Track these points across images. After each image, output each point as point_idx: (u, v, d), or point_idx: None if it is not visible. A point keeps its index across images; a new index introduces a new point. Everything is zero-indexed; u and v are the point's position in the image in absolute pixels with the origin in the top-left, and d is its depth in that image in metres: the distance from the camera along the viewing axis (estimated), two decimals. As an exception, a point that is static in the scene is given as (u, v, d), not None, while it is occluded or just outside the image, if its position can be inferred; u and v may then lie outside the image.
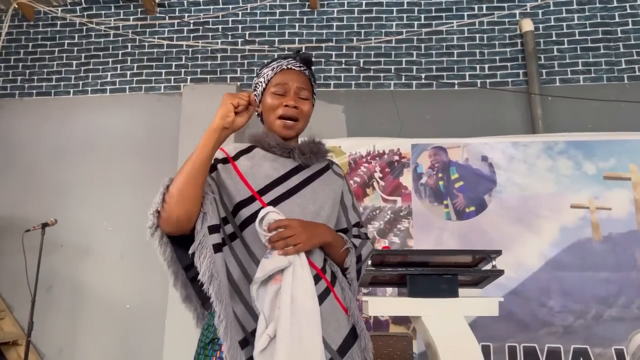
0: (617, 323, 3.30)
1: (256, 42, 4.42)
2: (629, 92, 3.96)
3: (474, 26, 4.31)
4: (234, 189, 1.34)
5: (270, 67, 1.47)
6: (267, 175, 1.37)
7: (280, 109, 1.43)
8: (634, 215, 3.55)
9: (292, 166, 1.42)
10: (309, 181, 1.42)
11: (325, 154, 1.49)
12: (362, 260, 1.44)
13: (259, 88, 1.48)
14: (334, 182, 1.48)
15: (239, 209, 1.32)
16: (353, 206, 1.52)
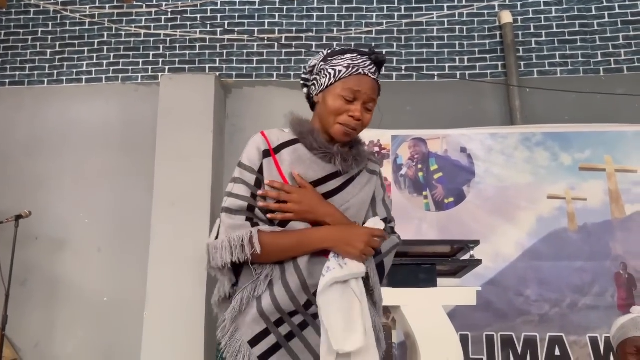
0: (591, 311, 3.37)
1: (235, 31, 4.37)
2: (605, 84, 4.02)
3: (454, 18, 4.32)
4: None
5: (344, 63, 1.38)
6: (305, 176, 1.36)
7: (344, 117, 1.37)
8: (608, 205, 3.61)
9: (331, 171, 1.39)
10: (343, 187, 1.40)
11: (366, 158, 1.45)
12: (381, 254, 1.42)
13: (323, 78, 1.39)
14: (367, 182, 1.45)
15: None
16: (383, 201, 1.49)
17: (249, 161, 1.37)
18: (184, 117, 3.92)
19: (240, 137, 4.13)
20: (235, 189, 1.36)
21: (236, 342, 1.29)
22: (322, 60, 1.41)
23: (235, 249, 1.28)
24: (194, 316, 3.57)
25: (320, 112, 1.40)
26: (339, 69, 1.37)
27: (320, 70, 1.41)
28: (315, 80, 1.42)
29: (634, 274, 3.48)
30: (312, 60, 1.46)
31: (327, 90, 1.38)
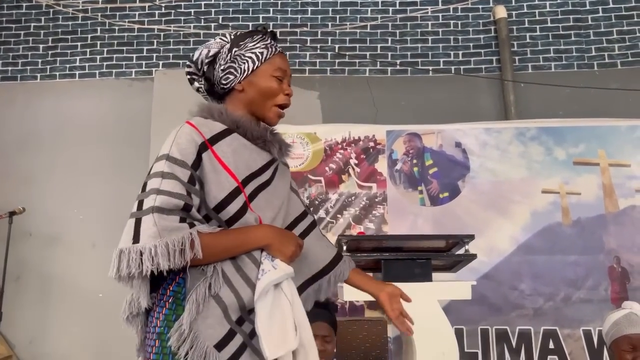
0: (585, 305, 3.39)
1: (230, 26, 4.35)
2: (598, 79, 4.04)
3: (448, 12, 4.32)
4: (216, 181, 1.26)
5: (260, 44, 1.36)
6: (248, 166, 1.32)
7: (281, 97, 1.37)
8: (602, 199, 3.63)
9: (268, 159, 1.38)
10: (273, 176, 1.39)
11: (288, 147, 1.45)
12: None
13: (243, 63, 1.35)
14: (285, 173, 1.46)
15: (226, 203, 1.26)
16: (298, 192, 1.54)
17: (181, 155, 1.24)
18: (178, 112, 3.85)
19: (234, 132, 4.12)
20: (165, 185, 1.20)
21: (200, 350, 1.16)
22: (233, 47, 1.36)
23: (174, 253, 1.14)
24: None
25: (250, 98, 1.36)
26: (259, 51, 1.36)
27: (235, 57, 1.36)
28: (231, 68, 1.35)
29: (627, 268, 3.51)
30: (208, 50, 1.38)
31: (254, 74, 1.35)
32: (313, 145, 3.90)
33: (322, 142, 3.90)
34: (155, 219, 1.17)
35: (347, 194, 3.81)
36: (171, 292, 1.23)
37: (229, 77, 1.36)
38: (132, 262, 1.16)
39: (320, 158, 3.87)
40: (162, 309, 1.23)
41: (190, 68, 1.43)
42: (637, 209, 3.61)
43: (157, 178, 1.22)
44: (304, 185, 3.83)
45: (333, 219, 3.76)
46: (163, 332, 1.21)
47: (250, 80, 1.35)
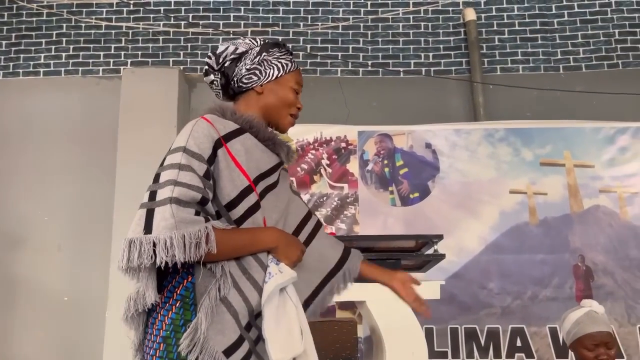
0: (551, 303, 3.46)
1: (200, 25, 4.29)
2: (564, 81, 4.13)
3: (419, 14, 4.36)
4: (230, 178, 1.27)
5: (286, 57, 1.44)
6: (258, 166, 1.34)
7: (294, 109, 1.44)
8: (567, 199, 3.71)
9: (275, 162, 1.41)
10: (279, 179, 1.42)
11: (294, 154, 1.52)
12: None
13: (269, 69, 1.40)
14: (286, 177, 1.50)
15: (237, 202, 1.27)
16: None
17: (199, 149, 1.25)
18: (146, 111, 3.84)
19: (205, 132, 4.07)
20: (183, 177, 1.20)
21: (209, 355, 1.15)
22: (263, 51, 1.41)
23: (190, 246, 1.13)
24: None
25: (267, 103, 1.40)
26: (284, 62, 1.42)
27: (262, 61, 1.40)
28: (257, 70, 1.39)
29: (591, 266, 3.60)
30: (236, 47, 1.41)
31: (277, 81, 1.40)
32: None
33: (294, 143, 3.89)
34: (173, 210, 1.16)
35: (318, 194, 3.81)
36: (178, 295, 1.22)
37: (252, 78, 1.40)
38: (144, 253, 1.14)
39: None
40: (169, 313, 1.21)
41: (211, 60, 1.44)
42: (601, 209, 3.71)
43: (174, 170, 1.22)
44: (275, 185, 3.81)
45: (304, 220, 3.75)
46: (169, 337, 1.19)
47: (271, 86, 1.40)
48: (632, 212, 3.69)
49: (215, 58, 1.43)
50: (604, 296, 3.52)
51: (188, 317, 1.19)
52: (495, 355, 3.43)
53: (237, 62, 1.40)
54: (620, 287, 3.56)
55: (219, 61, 1.42)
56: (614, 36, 4.26)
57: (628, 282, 3.57)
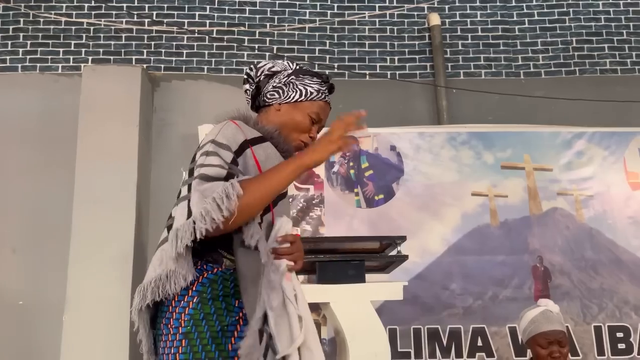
0: (510, 303, 3.53)
1: (164, 23, 4.22)
2: (525, 87, 4.23)
3: (385, 18, 4.40)
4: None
5: (314, 86, 1.51)
6: None
7: (305, 136, 1.50)
8: (527, 202, 3.81)
9: None
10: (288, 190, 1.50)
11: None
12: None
13: (292, 92, 1.49)
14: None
15: None
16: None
17: (227, 141, 1.34)
18: (107, 110, 3.74)
19: (168, 132, 4.00)
20: (210, 161, 1.30)
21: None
22: (293, 75, 1.51)
23: (222, 202, 1.21)
24: (117, 319, 3.42)
25: (283, 122, 1.48)
26: (310, 90, 1.50)
27: (289, 83, 1.50)
28: (280, 90, 1.50)
29: (549, 267, 3.70)
30: (273, 65, 1.53)
31: (295, 105, 1.49)
32: (249, 146, 3.85)
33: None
34: (196, 186, 1.26)
35: (283, 196, 3.79)
36: (194, 292, 1.27)
37: (274, 95, 1.51)
38: (185, 234, 1.22)
39: (256, 159, 3.83)
40: (185, 309, 1.26)
41: (252, 71, 1.56)
42: (559, 211, 3.82)
43: (201, 155, 1.33)
44: (239, 187, 3.78)
45: (269, 221, 3.73)
46: (190, 332, 1.24)
47: (289, 108, 1.49)
48: (588, 214, 3.82)
49: (255, 70, 1.55)
50: (560, 296, 3.63)
51: (207, 310, 1.25)
52: (457, 355, 3.48)
53: (269, 78, 1.52)
54: (576, 287, 3.67)
55: (257, 74, 1.54)
56: (572, 44, 4.39)
57: (583, 282, 3.68)
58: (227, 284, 1.30)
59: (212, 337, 1.24)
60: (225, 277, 1.30)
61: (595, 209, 3.83)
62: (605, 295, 3.65)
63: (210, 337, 1.24)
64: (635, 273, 3.73)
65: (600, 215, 3.82)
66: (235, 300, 1.29)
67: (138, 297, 1.32)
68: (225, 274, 1.31)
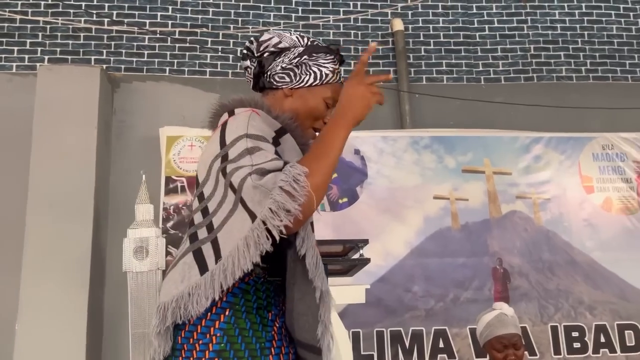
0: (471, 305, 3.60)
1: (125, 22, 4.13)
2: (485, 92, 4.32)
3: (349, 22, 4.42)
4: None
5: (329, 65, 1.33)
6: None
7: (320, 122, 1.33)
8: (487, 205, 3.89)
9: None
10: None
11: None
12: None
13: (305, 75, 1.30)
14: None
15: None
16: None
17: (262, 132, 1.16)
18: (64, 111, 3.63)
19: (129, 134, 3.91)
20: (257, 159, 1.09)
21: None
22: (305, 53, 1.31)
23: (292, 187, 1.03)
24: (73, 328, 3.31)
25: (295, 109, 1.30)
26: (325, 72, 1.33)
27: (301, 64, 1.31)
28: (292, 72, 1.30)
29: (508, 269, 3.78)
30: (280, 40, 1.32)
31: (309, 89, 1.31)
32: (212, 149, 3.80)
33: (221, 147, 3.82)
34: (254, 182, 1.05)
35: (247, 199, 3.76)
36: (225, 303, 1.10)
37: (284, 78, 1.31)
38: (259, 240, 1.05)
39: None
40: (215, 322, 1.09)
41: (252, 45, 1.35)
42: (517, 214, 3.91)
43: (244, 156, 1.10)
44: (202, 190, 3.72)
45: (232, 225, 3.69)
46: (224, 349, 1.06)
47: (302, 92, 1.31)
48: (545, 217, 3.92)
49: (257, 44, 1.34)
50: (519, 297, 3.71)
51: (242, 325, 1.09)
52: (419, 357, 3.52)
53: (276, 56, 1.32)
54: (534, 288, 3.76)
55: (260, 49, 1.33)
56: (530, 51, 4.52)
57: (541, 283, 3.78)
58: (260, 294, 1.14)
59: (252, 357, 1.08)
60: (257, 287, 1.15)
61: (552, 211, 3.94)
62: (561, 295, 3.76)
63: (249, 355, 1.08)
64: (589, 274, 3.85)
65: (556, 218, 3.93)
66: (268, 312, 1.14)
67: (157, 317, 1.12)
68: (257, 283, 1.15)
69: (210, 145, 1.21)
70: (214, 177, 1.15)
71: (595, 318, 3.73)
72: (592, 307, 3.76)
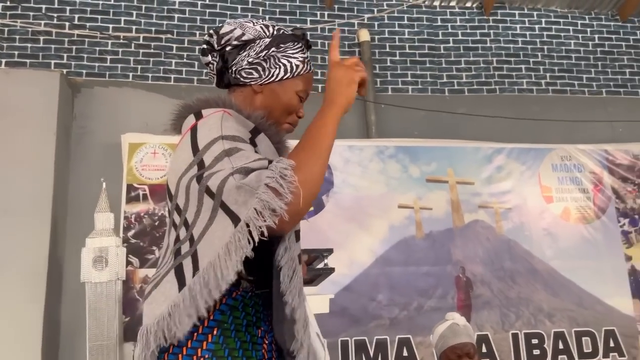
0: (435, 313, 3.62)
1: (87, 27, 4.04)
2: (449, 103, 4.40)
3: (316, 32, 4.44)
4: None
5: (298, 56, 1.24)
6: None
7: (294, 117, 1.26)
8: (450, 214, 3.94)
9: None
10: None
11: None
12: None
13: (274, 68, 1.21)
14: None
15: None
16: None
17: (238, 132, 1.08)
18: (22, 116, 3.52)
19: (89, 140, 3.81)
20: (237, 161, 1.00)
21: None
22: (273, 45, 1.22)
23: (278, 184, 0.95)
24: (28, 341, 3.18)
25: (266, 104, 1.22)
26: (295, 62, 1.24)
27: (268, 57, 1.21)
28: (259, 66, 1.21)
29: (471, 277, 3.84)
30: (243, 33, 1.22)
31: (280, 83, 1.22)
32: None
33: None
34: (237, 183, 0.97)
35: (211, 208, 3.71)
36: (212, 320, 1.03)
37: (252, 74, 1.22)
38: (239, 243, 0.95)
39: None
40: (202, 343, 1.01)
41: (212, 38, 1.25)
42: (480, 223, 3.98)
43: (221, 159, 1.01)
44: (164, 199, 3.64)
45: (195, 234, 3.63)
46: None
47: (273, 87, 1.23)
48: (507, 226, 4.00)
49: (217, 37, 1.23)
50: (481, 305, 3.77)
51: (232, 345, 1.02)
52: (383, 366, 3.52)
53: (240, 49, 1.22)
54: (495, 296, 3.83)
55: (221, 42, 1.23)
56: (492, 64, 4.63)
57: (502, 291, 3.85)
58: (249, 310, 1.08)
59: None
60: (246, 302, 1.08)
61: (513, 221, 4.02)
62: (522, 303, 3.83)
63: None
64: (548, 282, 3.94)
65: (517, 227, 4.02)
66: (257, 329, 1.08)
67: (140, 343, 1.03)
68: (245, 298, 1.08)
69: (180, 153, 1.10)
70: (189, 187, 1.05)
71: (554, 325, 3.81)
72: (551, 314, 3.85)
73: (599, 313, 3.90)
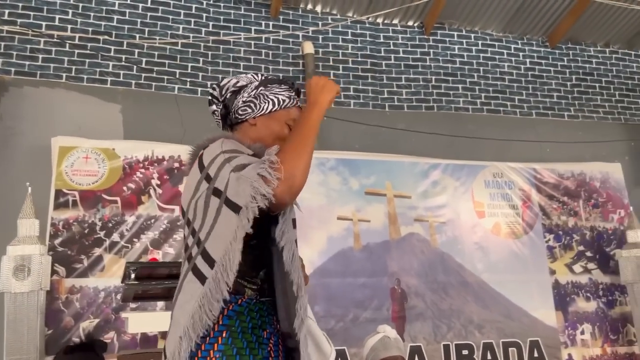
0: (370, 324, 3.67)
1: (18, 23, 3.84)
2: (389, 119, 4.50)
3: (260, 42, 4.43)
4: None
5: (285, 93, 1.47)
6: None
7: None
8: (387, 227, 4.02)
9: None
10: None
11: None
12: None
13: (264, 103, 1.44)
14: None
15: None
16: None
17: (238, 148, 1.30)
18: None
19: (16, 142, 3.61)
20: (236, 163, 1.23)
21: None
22: (261, 86, 1.46)
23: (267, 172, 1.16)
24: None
25: (260, 135, 1.42)
26: (282, 97, 1.46)
27: (259, 95, 1.45)
28: (252, 103, 1.45)
29: (406, 289, 3.91)
30: (237, 80, 1.48)
31: (270, 116, 1.44)
32: (110, 162, 3.61)
33: (120, 160, 3.64)
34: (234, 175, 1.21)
35: (146, 216, 3.60)
36: (222, 325, 1.19)
37: (246, 110, 1.45)
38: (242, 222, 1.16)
39: (117, 176, 3.60)
40: (214, 345, 1.17)
41: (215, 91, 1.50)
42: (415, 236, 4.08)
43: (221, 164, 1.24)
44: (96, 205, 3.50)
45: (128, 243, 3.51)
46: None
47: (264, 120, 1.44)
48: (441, 239, 4.13)
49: (219, 90, 1.49)
50: (415, 316, 3.85)
51: (239, 345, 1.18)
52: (318, 378, 3.51)
53: (236, 94, 1.47)
54: (429, 308, 3.92)
55: (222, 93, 1.49)
56: (431, 82, 4.78)
57: (435, 303, 3.95)
58: (254, 314, 1.24)
59: None
60: (251, 308, 1.24)
61: (447, 234, 4.15)
62: (454, 315, 3.94)
63: None
64: (479, 294, 4.08)
65: (451, 240, 4.15)
66: (263, 331, 1.24)
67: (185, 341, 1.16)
68: (250, 304, 1.25)
69: (191, 176, 1.33)
70: (201, 198, 1.25)
71: (483, 336, 3.95)
72: (481, 325, 3.98)
73: (525, 325, 4.08)
